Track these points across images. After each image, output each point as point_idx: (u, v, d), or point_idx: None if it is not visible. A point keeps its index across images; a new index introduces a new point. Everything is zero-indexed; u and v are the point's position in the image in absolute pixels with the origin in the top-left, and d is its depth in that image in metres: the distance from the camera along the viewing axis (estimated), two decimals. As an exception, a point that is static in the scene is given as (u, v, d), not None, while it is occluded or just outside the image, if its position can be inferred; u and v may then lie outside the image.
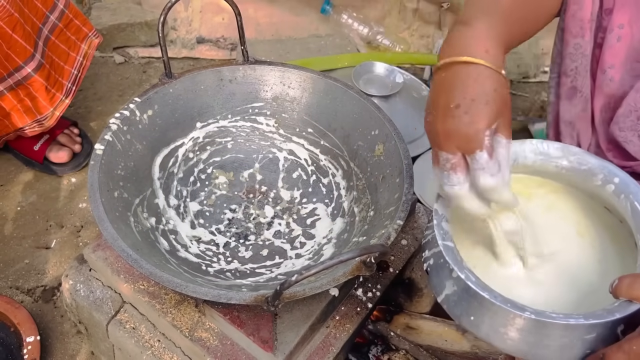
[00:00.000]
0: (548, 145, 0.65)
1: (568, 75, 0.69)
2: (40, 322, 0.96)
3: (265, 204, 0.89)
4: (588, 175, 0.64)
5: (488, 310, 0.55)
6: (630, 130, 0.66)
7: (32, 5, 1.04)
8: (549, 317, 0.51)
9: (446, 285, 0.59)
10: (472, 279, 0.55)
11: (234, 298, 0.61)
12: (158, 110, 0.84)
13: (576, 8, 0.65)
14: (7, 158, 1.24)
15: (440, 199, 0.61)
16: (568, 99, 0.70)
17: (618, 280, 0.52)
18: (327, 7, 1.55)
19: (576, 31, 0.66)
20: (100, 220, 0.67)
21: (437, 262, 0.60)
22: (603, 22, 0.65)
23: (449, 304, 0.59)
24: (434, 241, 0.60)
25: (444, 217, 0.60)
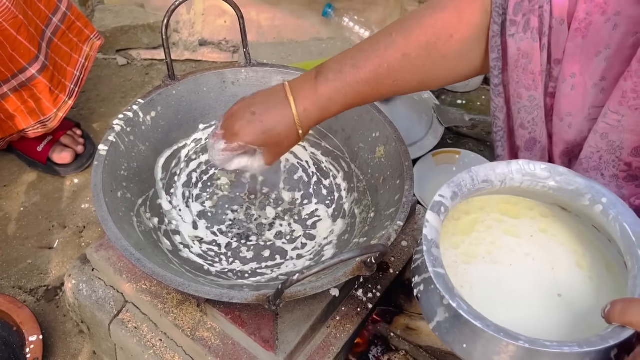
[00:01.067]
0: (535, 165, 0.65)
1: (526, 128, 0.70)
2: (42, 321, 0.96)
3: (266, 205, 0.90)
4: (576, 195, 0.64)
5: (481, 338, 0.54)
6: (594, 170, 0.67)
7: (35, 8, 1.05)
8: (543, 346, 0.51)
9: (437, 312, 0.58)
10: (464, 308, 0.54)
11: (236, 297, 0.62)
12: (161, 112, 0.85)
13: (526, 62, 0.66)
14: (11, 159, 1.24)
15: (429, 224, 0.60)
16: (528, 150, 0.72)
17: (610, 305, 0.51)
18: (329, 10, 1.56)
19: (529, 84, 0.67)
20: (103, 220, 0.68)
21: (428, 288, 0.59)
22: (553, 72, 0.66)
23: (440, 331, 0.58)
24: (424, 267, 0.59)
25: (434, 243, 0.59)
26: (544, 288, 0.62)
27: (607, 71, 0.63)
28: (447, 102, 1.46)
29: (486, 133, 1.37)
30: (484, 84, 1.51)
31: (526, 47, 0.65)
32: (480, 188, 0.65)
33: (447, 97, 1.48)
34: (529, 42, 0.65)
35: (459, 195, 0.63)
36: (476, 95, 1.49)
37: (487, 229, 0.67)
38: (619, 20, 0.61)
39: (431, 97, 1.37)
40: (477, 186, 0.65)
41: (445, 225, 0.65)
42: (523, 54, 0.66)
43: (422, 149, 1.23)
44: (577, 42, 0.63)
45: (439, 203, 0.61)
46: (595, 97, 0.65)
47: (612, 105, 0.62)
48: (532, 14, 0.64)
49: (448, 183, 0.64)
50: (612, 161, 0.65)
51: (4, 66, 1.01)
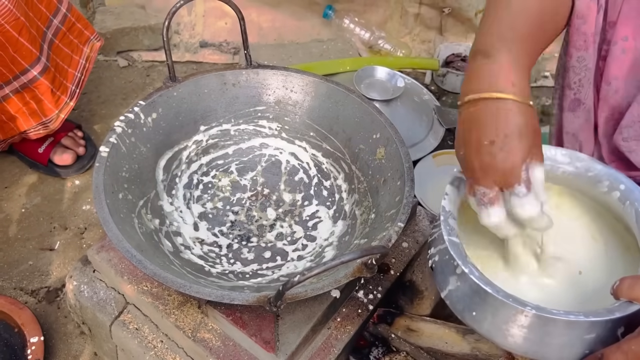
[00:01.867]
0: (555, 151, 0.66)
1: (571, 88, 0.69)
2: (43, 322, 0.96)
3: (267, 207, 0.90)
4: (594, 181, 0.65)
5: (490, 305, 0.56)
6: (634, 140, 0.67)
7: (36, 9, 1.06)
8: (550, 313, 0.52)
9: (450, 281, 0.60)
10: (476, 274, 0.55)
11: (237, 299, 0.62)
12: (162, 114, 0.85)
13: (580, 22, 0.65)
14: (12, 160, 1.25)
15: (448, 197, 0.62)
16: (571, 111, 0.71)
17: (619, 281, 0.53)
18: (329, 11, 1.56)
19: (580, 44, 0.66)
20: (105, 222, 0.68)
21: (442, 258, 0.62)
22: (607, 35, 0.66)
23: (452, 299, 0.60)
24: (440, 238, 0.61)
25: (451, 214, 0.61)
26: (561, 269, 0.64)
27: None
28: (447, 103, 1.46)
29: (487, 134, 1.37)
30: (484, 85, 1.51)
31: (582, 7, 0.64)
32: None
33: (447, 98, 1.48)
34: (586, 2, 0.64)
35: None
36: (477, 96, 1.49)
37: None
38: None
39: (432, 98, 1.37)
40: None
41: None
42: (577, 14, 0.65)
43: (423, 150, 1.23)
44: (633, 4, 0.62)
45: (459, 178, 0.63)
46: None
47: None
48: None
49: None
50: None
51: (5, 68, 1.02)
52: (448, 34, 1.61)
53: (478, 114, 0.58)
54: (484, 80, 0.59)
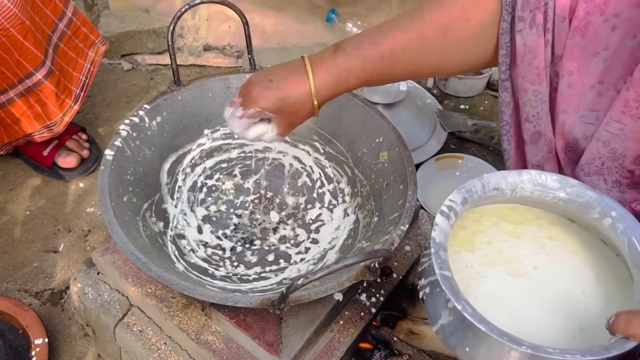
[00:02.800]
0: (546, 176, 0.65)
1: (531, 121, 0.71)
2: (48, 324, 0.97)
3: (270, 210, 0.90)
4: (585, 207, 0.64)
5: (484, 342, 0.54)
6: (596, 174, 0.67)
7: (42, 13, 1.06)
8: (546, 352, 0.51)
9: (442, 315, 0.59)
10: (469, 311, 0.54)
11: (241, 301, 0.62)
12: (167, 117, 0.86)
13: (531, 57, 0.67)
14: (17, 163, 1.25)
15: (439, 228, 0.61)
16: (533, 143, 0.72)
17: (615, 316, 0.52)
18: (332, 15, 1.57)
19: (533, 79, 0.68)
20: (110, 225, 0.68)
21: (434, 290, 0.60)
22: (556, 68, 0.67)
23: (444, 333, 0.59)
24: (431, 269, 0.59)
25: (442, 246, 0.59)
26: (556, 301, 0.62)
27: (605, 74, 0.64)
28: (450, 107, 1.47)
29: (489, 138, 1.38)
30: (486, 89, 1.52)
31: (532, 42, 0.66)
32: (490, 195, 0.65)
33: (450, 102, 1.48)
34: (534, 37, 0.66)
35: (469, 201, 0.64)
36: (479, 100, 1.50)
37: (490, 241, 0.67)
38: (618, 22, 0.61)
39: (434, 102, 1.38)
40: (487, 193, 0.65)
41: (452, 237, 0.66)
42: (529, 49, 0.67)
43: (425, 154, 1.23)
44: (576, 41, 0.64)
45: (449, 207, 0.62)
46: (591, 100, 0.65)
47: (614, 114, 0.62)
48: (537, 10, 0.65)
49: (459, 188, 0.64)
50: (615, 167, 0.66)
51: (10, 71, 1.02)
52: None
53: (292, 64, 0.72)
54: (318, 57, 0.71)
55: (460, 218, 0.66)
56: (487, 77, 1.48)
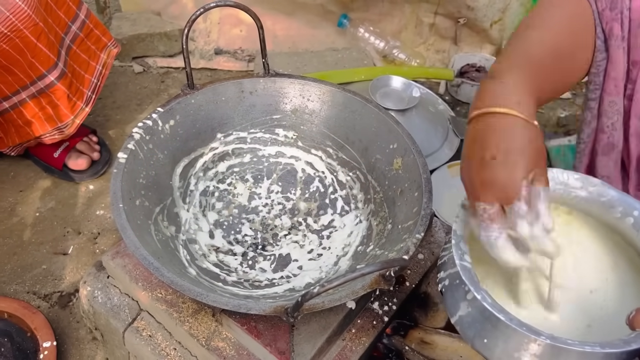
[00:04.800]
0: (568, 175, 0.65)
1: (605, 132, 0.71)
2: (56, 327, 0.96)
3: (282, 215, 0.89)
4: (607, 207, 0.64)
5: (502, 333, 0.54)
6: None
7: (55, 15, 1.06)
8: (565, 343, 0.51)
9: (460, 307, 0.59)
10: (488, 300, 0.54)
11: (254, 308, 0.61)
12: (180, 121, 0.85)
13: (610, 68, 0.67)
14: (27, 164, 1.25)
15: (459, 220, 0.61)
16: (605, 155, 0.72)
17: (635, 311, 0.52)
18: (344, 20, 1.57)
19: (610, 89, 0.68)
20: (122, 229, 0.68)
21: (453, 282, 0.60)
22: (631, 74, 0.67)
23: (462, 325, 0.59)
24: (450, 262, 0.60)
25: (462, 238, 0.60)
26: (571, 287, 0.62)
27: None
28: (462, 113, 1.46)
29: (501, 145, 1.36)
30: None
31: (611, 54, 0.67)
32: None
33: (462, 109, 1.47)
34: (614, 49, 0.66)
35: None
36: (491, 107, 1.49)
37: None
38: None
39: (446, 108, 1.37)
40: None
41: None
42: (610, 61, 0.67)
43: (438, 161, 1.22)
44: None
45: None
46: None
47: None
48: (614, 22, 0.65)
49: None
50: None
51: (23, 72, 1.02)
52: (463, 44, 1.60)
53: (482, 129, 0.58)
54: (490, 97, 0.59)
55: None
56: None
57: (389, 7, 1.57)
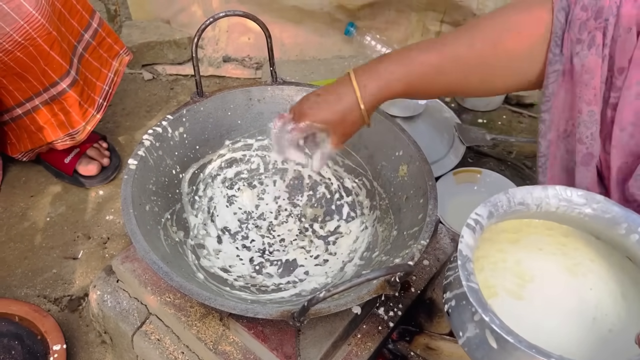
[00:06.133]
0: (572, 192, 0.65)
1: (583, 142, 0.71)
2: (66, 330, 0.97)
3: (289, 221, 0.90)
4: (611, 223, 0.64)
5: (511, 355, 0.54)
6: None
7: (68, 24, 1.08)
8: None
9: (468, 328, 0.59)
10: (497, 322, 0.54)
11: (261, 312, 0.62)
12: (189, 128, 0.87)
13: (589, 77, 0.67)
14: (38, 170, 1.27)
15: (465, 240, 0.61)
16: (585, 165, 0.72)
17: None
18: (351, 28, 1.58)
19: (589, 99, 0.68)
20: (132, 234, 0.69)
21: (460, 303, 0.60)
22: (617, 82, 0.67)
23: (470, 347, 0.59)
24: (457, 282, 0.60)
25: (468, 259, 0.60)
26: (574, 307, 0.62)
27: None
28: (468, 121, 1.47)
29: (507, 153, 1.37)
30: (504, 104, 1.52)
31: (590, 62, 0.67)
32: (516, 210, 0.66)
33: (468, 116, 1.48)
34: (594, 57, 0.66)
35: (495, 215, 0.64)
36: (497, 114, 1.49)
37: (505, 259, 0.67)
38: None
39: (452, 116, 1.38)
40: (513, 208, 0.65)
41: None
42: (586, 70, 0.67)
43: (443, 168, 1.23)
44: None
45: (475, 220, 0.62)
46: None
47: None
48: (597, 31, 0.66)
49: (484, 202, 0.64)
50: None
51: (36, 80, 1.04)
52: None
53: (337, 82, 0.74)
54: (366, 68, 0.73)
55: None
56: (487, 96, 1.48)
57: (395, 15, 1.58)
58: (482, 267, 0.66)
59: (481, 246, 0.67)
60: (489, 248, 0.67)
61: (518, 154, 1.37)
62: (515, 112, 1.50)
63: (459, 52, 0.71)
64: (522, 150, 1.38)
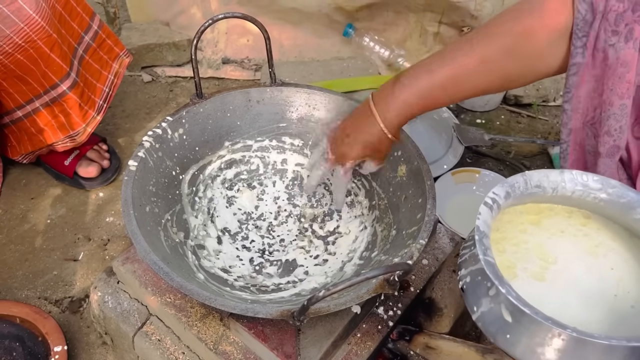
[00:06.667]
0: (587, 177, 0.66)
1: (611, 135, 0.71)
2: (67, 332, 0.98)
3: (289, 221, 0.91)
4: (627, 208, 0.65)
5: (526, 328, 0.55)
6: None
7: (68, 27, 1.09)
8: (591, 337, 0.51)
9: (482, 303, 0.59)
10: (513, 294, 0.55)
11: (261, 312, 0.63)
12: (188, 129, 0.87)
13: (624, 70, 0.67)
14: (39, 172, 1.28)
15: (482, 217, 0.62)
16: (610, 157, 0.72)
17: None
18: (350, 30, 1.58)
19: (622, 92, 0.68)
20: (133, 235, 0.69)
21: (475, 279, 0.61)
22: None
23: (484, 321, 0.59)
24: (472, 259, 0.61)
25: (485, 234, 0.61)
26: (595, 287, 0.63)
27: None
28: (466, 121, 1.47)
29: (506, 152, 1.37)
30: (503, 104, 1.52)
31: (626, 56, 0.67)
32: (532, 192, 0.67)
33: (466, 116, 1.49)
34: (630, 51, 0.66)
35: (512, 195, 0.65)
36: (495, 114, 1.50)
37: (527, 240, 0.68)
38: None
39: (451, 116, 1.38)
40: (529, 190, 0.66)
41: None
42: (622, 63, 0.67)
43: (442, 168, 1.24)
44: None
45: (492, 199, 0.64)
46: None
47: None
48: (636, 24, 0.65)
49: (502, 183, 0.66)
50: None
51: (36, 82, 1.05)
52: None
53: (359, 111, 0.81)
54: (380, 94, 0.77)
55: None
56: (504, 91, 1.48)
57: (393, 16, 1.58)
58: (503, 249, 0.66)
59: (502, 228, 0.68)
60: (511, 229, 0.68)
61: (516, 153, 1.38)
62: (513, 112, 1.51)
63: (470, 68, 0.71)
64: (521, 150, 1.39)
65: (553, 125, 1.48)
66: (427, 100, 0.74)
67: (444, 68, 0.72)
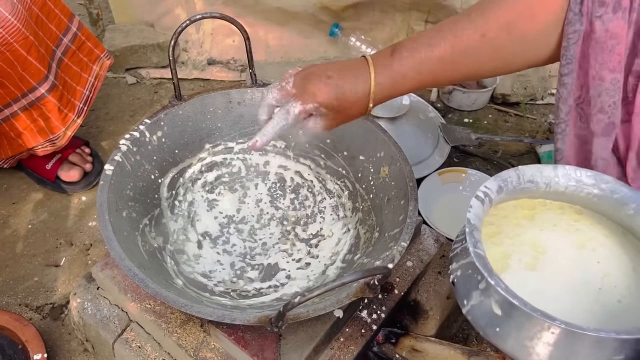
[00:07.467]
0: (581, 172, 0.66)
1: (605, 112, 0.69)
2: (47, 339, 0.96)
3: (272, 224, 0.90)
4: (620, 204, 0.65)
5: (515, 321, 0.55)
6: None
7: (46, 29, 1.07)
8: (580, 329, 0.51)
9: (473, 296, 0.59)
10: (502, 286, 0.55)
11: (239, 319, 0.62)
12: (167, 132, 0.86)
13: (614, 43, 0.65)
14: (20, 177, 1.26)
15: (474, 210, 0.62)
16: (606, 136, 0.70)
17: None
18: (336, 30, 1.57)
19: (614, 66, 0.66)
20: (108, 240, 0.68)
21: (466, 273, 0.61)
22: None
23: (474, 315, 0.59)
24: (463, 253, 0.61)
25: (476, 227, 0.60)
26: (579, 278, 0.63)
27: None
28: (453, 121, 1.46)
29: (493, 152, 1.37)
30: (490, 103, 1.51)
31: (615, 28, 0.64)
32: (525, 188, 0.67)
33: (453, 116, 1.48)
34: (619, 22, 0.64)
35: (504, 190, 0.65)
36: (483, 114, 1.49)
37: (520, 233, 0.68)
38: None
39: (437, 116, 1.37)
40: (522, 185, 0.66)
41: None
42: (611, 35, 0.65)
43: (429, 168, 1.23)
44: None
45: (484, 193, 0.64)
46: None
47: None
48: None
49: (495, 177, 0.66)
50: None
51: (14, 86, 1.03)
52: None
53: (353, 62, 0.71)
54: (375, 60, 0.69)
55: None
56: (491, 90, 1.48)
57: (380, 16, 1.57)
58: (500, 242, 0.66)
59: (497, 222, 0.68)
60: (506, 224, 0.68)
61: (504, 153, 1.37)
62: (501, 112, 1.50)
63: (470, 43, 0.68)
64: (508, 150, 1.38)
65: (541, 124, 1.48)
66: (423, 75, 0.69)
67: (444, 41, 0.68)
